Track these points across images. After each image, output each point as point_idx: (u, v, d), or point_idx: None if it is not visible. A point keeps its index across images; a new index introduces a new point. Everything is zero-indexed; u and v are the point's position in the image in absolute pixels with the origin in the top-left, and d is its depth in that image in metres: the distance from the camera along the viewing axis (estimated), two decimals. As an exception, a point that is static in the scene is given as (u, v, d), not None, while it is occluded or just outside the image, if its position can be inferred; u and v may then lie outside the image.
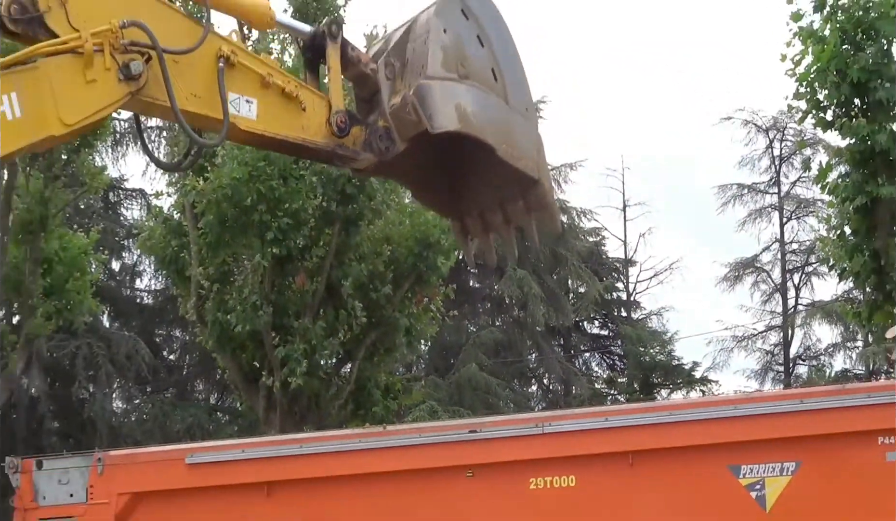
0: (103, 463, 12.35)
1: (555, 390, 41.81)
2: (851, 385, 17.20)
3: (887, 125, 19.03)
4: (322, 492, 11.70)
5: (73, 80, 8.47)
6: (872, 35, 18.99)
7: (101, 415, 41.20)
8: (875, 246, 19.48)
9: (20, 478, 12.61)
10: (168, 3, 9.06)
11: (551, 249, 42.05)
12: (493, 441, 11.51)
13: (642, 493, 10.88)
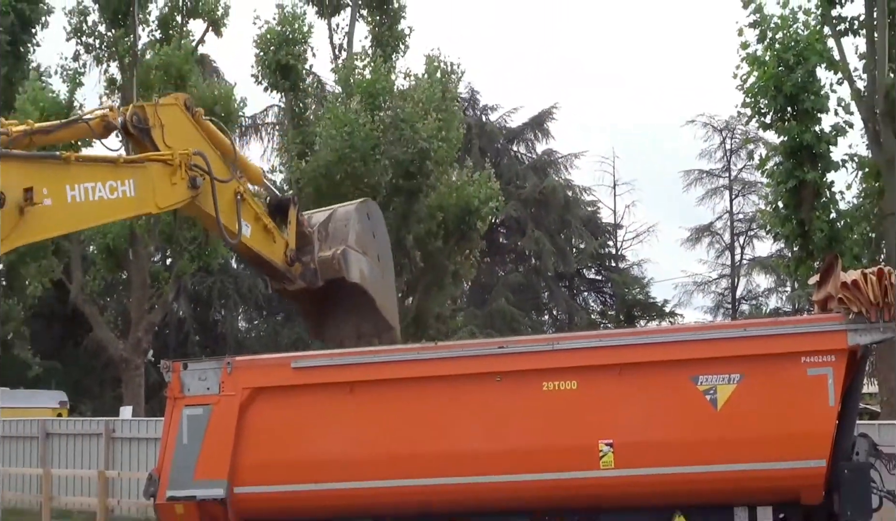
0: (231, 366, 12.44)
1: (561, 319, 41.87)
2: (781, 318, 17.09)
3: (812, 127, 19.05)
4: (390, 391, 11.75)
5: (165, 181, 10.67)
6: (801, 60, 18.98)
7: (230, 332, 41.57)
8: (801, 216, 19.47)
9: (172, 376, 12.76)
10: (212, 148, 11.25)
11: (560, 215, 41.98)
12: (516, 355, 11.55)
13: (627, 395, 10.89)
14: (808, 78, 19.11)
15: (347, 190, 24.66)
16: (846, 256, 17.34)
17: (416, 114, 25.19)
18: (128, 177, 10.60)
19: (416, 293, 26.80)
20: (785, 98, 19.04)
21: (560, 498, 11.11)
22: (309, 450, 11.86)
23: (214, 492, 12.06)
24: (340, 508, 11.86)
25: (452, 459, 11.30)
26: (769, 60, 19.26)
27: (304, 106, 28.12)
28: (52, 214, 9.81)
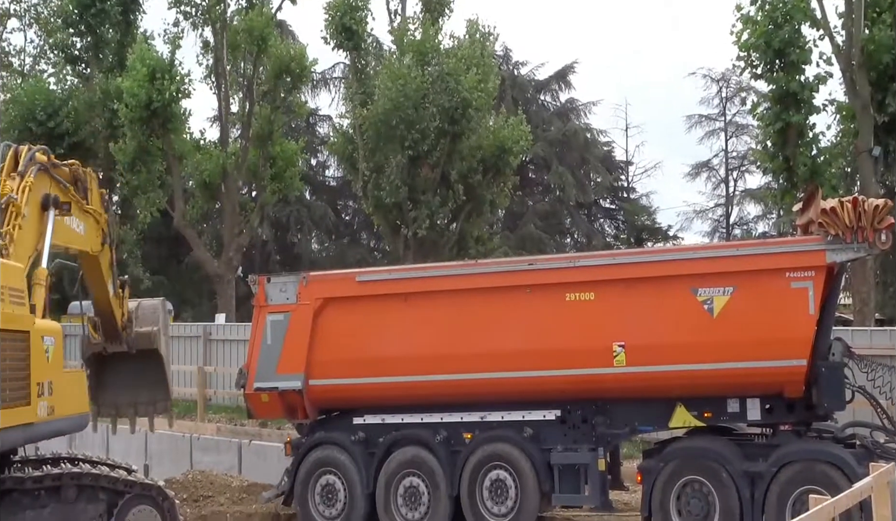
0: (307, 280, 12.53)
1: (581, 242, 41.54)
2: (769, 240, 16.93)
3: (797, 77, 18.80)
4: (438, 300, 11.79)
5: (95, 231, 11.18)
6: (788, 19, 18.71)
7: (304, 252, 41.76)
8: (786, 154, 19.29)
9: (258, 288, 12.84)
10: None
11: (580, 154, 41.61)
12: (544, 271, 11.55)
13: (637, 305, 10.86)
14: (794, 34, 18.96)
15: (402, 133, 24.65)
16: (825, 188, 17.13)
17: (459, 69, 25.05)
18: (83, 220, 10.97)
19: (459, 220, 26.76)
20: (774, 52, 18.89)
21: (580, 391, 11.13)
22: (370, 349, 11.96)
23: (293, 384, 12.22)
24: (395, 398, 11.99)
25: (489, 357, 11.34)
26: (761, 20, 19.08)
27: (365, 63, 27.94)
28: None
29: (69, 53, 31.64)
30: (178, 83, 26.91)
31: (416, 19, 27.58)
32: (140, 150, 27.40)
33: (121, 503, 10.98)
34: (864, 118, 18.81)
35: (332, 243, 44.39)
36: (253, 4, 28.74)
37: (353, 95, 27.07)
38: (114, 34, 30.86)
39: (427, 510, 11.64)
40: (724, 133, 42.24)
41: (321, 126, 44.86)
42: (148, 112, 26.36)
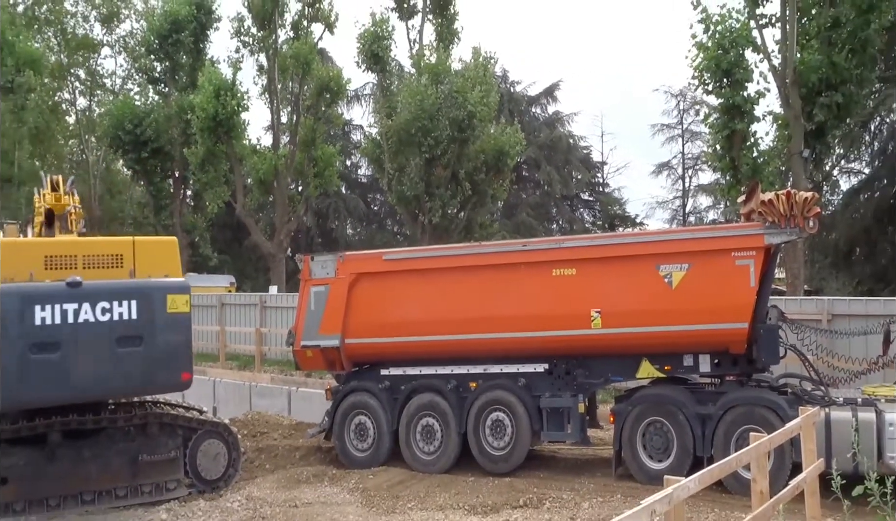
0: (343, 258, 12.49)
1: (564, 227, 41.34)
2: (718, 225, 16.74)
3: (741, 92, 18.55)
4: (450, 275, 11.71)
5: None
6: (734, 45, 18.46)
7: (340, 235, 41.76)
8: (732, 155, 19.07)
9: (303, 265, 12.81)
10: None
11: (564, 155, 41.40)
12: (535, 251, 11.44)
13: (611, 279, 10.73)
14: (739, 57, 18.71)
15: (419, 140, 24.56)
16: (764, 183, 16.91)
17: (466, 87, 24.94)
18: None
19: (466, 210, 26.71)
20: (722, 72, 18.63)
21: (564, 348, 11.08)
22: (394, 314, 11.93)
23: (332, 342, 12.21)
24: (414, 353, 11.96)
25: (490, 321, 11.29)
26: (711, 46, 18.83)
27: (389, 82, 27.79)
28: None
29: (151, 75, 31.63)
30: (239, 99, 26.87)
31: (431, 46, 27.43)
32: (208, 153, 27.41)
33: (194, 438, 11.05)
34: (796, 126, 18.62)
35: (363, 229, 44.40)
36: (299, 35, 28.66)
37: (379, 108, 26.97)
38: (187, 59, 30.80)
39: (440, 444, 11.64)
40: (681, 139, 41.99)
41: (354, 134, 44.79)
42: (214, 123, 26.33)
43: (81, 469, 10.15)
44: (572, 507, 9.15)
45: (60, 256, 9.16)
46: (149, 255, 9.78)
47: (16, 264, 8.73)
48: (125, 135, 28.79)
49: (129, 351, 9.26)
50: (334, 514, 9.08)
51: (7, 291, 8.52)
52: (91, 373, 9.04)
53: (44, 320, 8.64)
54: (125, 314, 9.22)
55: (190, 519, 9.18)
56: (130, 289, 9.36)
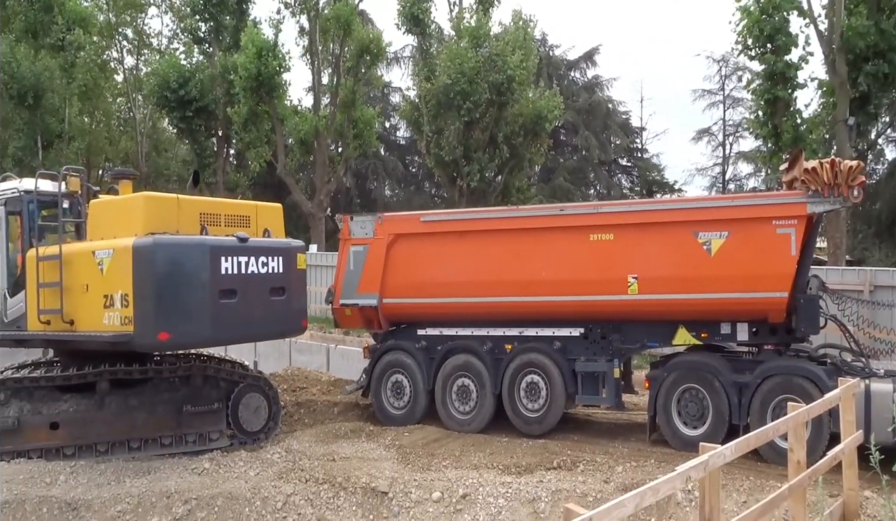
0: (382, 219, 12.45)
1: (602, 193, 40.76)
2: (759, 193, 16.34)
3: (784, 58, 18.02)
4: (487, 237, 11.62)
5: None
6: (778, 8, 17.88)
7: (379, 196, 41.77)
8: (775, 122, 18.62)
9: (343, 225, 12.81)
10: None
11: (603, 120, 40.68)
12: (572, 216, 11.27)
13: (649, 244, 10.54)
14: (783, 22, 18.17)
15: (458, 103, 24.28)
16: (807, 151, 16.48)
17: (505, 50, 24.49)
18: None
19: (503, 174, 26.38)
20: (765, 37, 18.18)
21: (600, 313, 10.96)
22: (431, 275, 11.90)
23: (370, 301, 12.24)
24: (451, 314, 11.94)
25: (527, 284, 11.21)
26: (755, 10, 18.28)
27: (429, 45, 27.39)
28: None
29: (196, 36, 31.62)
30: (280, 60, 26.76)
31: (471, 9, 26.96)
32: (251, 113, 27.43)
33: (236, 390, 11.22)
34: (841, 93, 18.04)
35: (401, 190, 44.34)
36: (340, -4, 28.36)
37: (419, 71, 26.68)
38: (230, 20, 30.72)
39: (475, 404, 11.66)
40: (722, 105, 40.97)
41: (393, 96, 44.51)
42: (257, 83, 26.30)
43: (128, 417, 10.38)
44: (606, 470, 9.11)
45: (211, 213, 9.91)
46: (267, 218, 10.66)
47: (166, 218, 9.35)
48: (171, 94, 28.93)
49: (277, 300, 10.14)
50: (371, 469, 9.17)
51: (201, 243, 9.28)
52: (255, 318, 9.86)
53: (227, 270, 9.43)
54: (275, 268, 10.08)
55: (231, 469, 9.34)
56: (278, 247, 10.30)
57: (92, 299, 9.46)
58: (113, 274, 9.22)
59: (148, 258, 8.95)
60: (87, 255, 9.55)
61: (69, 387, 10.28)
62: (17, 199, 10.64)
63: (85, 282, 9.57)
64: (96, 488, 8.71)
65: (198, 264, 9.20)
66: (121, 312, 9.13)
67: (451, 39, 26.73)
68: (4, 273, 10.76)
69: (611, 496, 8.03)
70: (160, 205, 9.56)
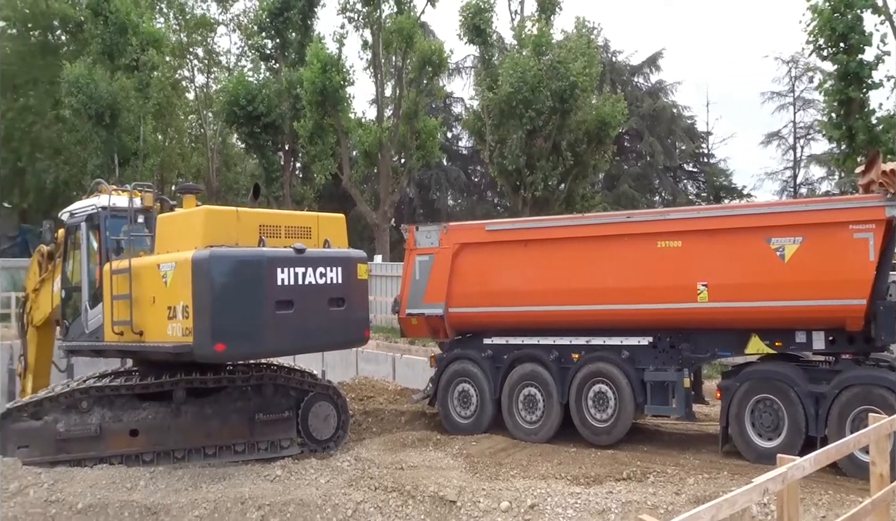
0: (447, 229, 12.56)
1: (667, 199, 40.04)
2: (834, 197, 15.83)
3: (858, 57, 17.38)
4: (552, 246, 11.59)
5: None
6: (851, 6, 17.28)
7: (442, 206, 41.98)
8: (849, 124, 17.94)
9: (408, 235, 12.95)
10: None
11: (668, 125, 40.00)
12: (639, 223, 11.13)
13: (719, 251, 10.34)
14: (856, 21, 17.51)
15: (521, 111, 24.28)
16: (884, 152, 15.86)
17: (568, 58, 24.41)
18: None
19: (567, 181, 26.22)
20: (838, 36, 17.52)
21: (668, 321, 10.80)
22: (497, 284, 11.92)
23: (436, 311, 12.34)
24: (516, 324, 11.93)
25: (593, 293, 11.12)
26: (826, 9, 17.68)
27: (491, 54, 27.51)
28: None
29: (262, 53, 32.50)
30: (344, 74, 27.29)
31: (533, 18, 26.96)
32: (316, 127, 28.02)
33: (306, 399, 11.44)
34: (917, 92, 17.36)
35: (463, 200, 44.51)
36: (402, 10, 28.73)
37: (481, 80, 26.79)
38: (295, 36, 31.46)
39: (542, 414, 11.61)
40: (792, 107, 39.70)
41: (455, 106, 44.79)
42: (322, 97, 26.86)
43: (204, 425, 10.70)
44: (677, 482, 8.95)
45: (270, 225, 9.95)
46: (328, 228, 10.61)
47: (225, 231, 9.48)
48: (239, 110, 29.78)
49: (336, 310, 10.11)
50: (439, 478, 9.22)
51: (257, 255, 9.40)
52: (313, 328, 9.89)
53: (283, 281, 9.48)
54: (334, 279, 10.06)
55: (302, 476, 9.53)
56: (337, 257, 10.24)
57: (158, 310, 9.70)
58: (175, 286, 9.42)
59: (205, 270, 9.07)
60: (153, 268, 9.81)
61: (148, 395, 10.67)
62: (96, 214, 11.13)
63: (152, 294, 9.81)
64: (174, 493, 9.01)
65: (254, 275, 9.28)
66: (182, 323, 9.32)
67: (513, 48, 26.78)
68: (87, 286, 11.25)
69: (682, 508, 7.88)
70: (220, 218, 9.68)
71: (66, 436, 10.18)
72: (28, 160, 33.04)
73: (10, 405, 10.68)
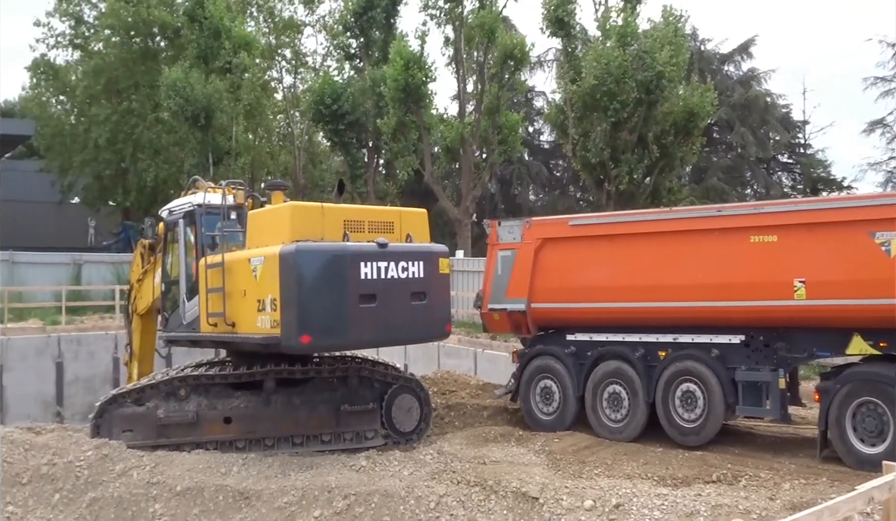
0: (529, 224, 12.45)
1: (760, 192, 38.52)
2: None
3: None
4: (639, 241, 11.32)
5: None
6: None
7: (524, 201, 41.77)
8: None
9: (490, 230, 12.92)
10: None
11: (761, 115, 38.43)
12: (731, 216, 10.72)
13: (817, 246, 9.83)
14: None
15: (605, 104, 23.84)
16: None
17: (654, 47, 23.81)
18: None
19: (653, 175, 25.57)
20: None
21: (762, 319, 10.37)
22: (580, 280, 11.75)
23: (518, 306, 12.26)
24: (601, 320, 11.72)
25: (682, 289, 10.80)
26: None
27: (574, 47, 27.12)
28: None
29: (347, 52, 33.09)
30: (427, 70, 27.46)
31: (618, 8, 26.42)
32: (399, 124, 28.33)
33: (390, 391, 11.58)
34: None
35: (545, 195, 44.16)
36: (484, 4, 28.69)
37: (564, 73, 26.46)
38: (379, 35, 31.89)
39: (627, 412, 11.37)
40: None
41: (537, 100, 44.43)
42: (404, 94, 27.13)
43: (292, 414, 10.99)
44: (771, 487, 8.58)
45: (354, 220, 10.11)
46: (410, 223, 10.66)
47: (311, 226, 9.71)
48: (325, 109, 30.42)
49: (418, 304, 10.15)
50: (521, 474, 9.15)
51: (341, 249, 9.60)
52: (395, 322, 9.98)
53: (366, 275, 9.62)
54: (416, 273, 10.10)
55: (386, 467, 9.63)
56: (419, 252, 10.29)
57: (248, 303, 9.99)
58: (264, 280, 9.67)
59: (291, 264, 9.26)
60: (244, 262, 10.10)
61: (240, 385, 11.05)
62: (193, 212, 11.60)
63: (243, 287, 10.10)
64: (265, 479, 9.28)
65: (338, 269, 9.41)
66: (270, 315, 9.56)
67: (597, 40, 26.32)
68: (184, 279, 11.74)
69: (777, 514, 7.55)
70: (305, 214, 9.85)
71: (165, 422, 10.66)
72: (131, 161, 34.68)
73: (114, 392, 11.25)
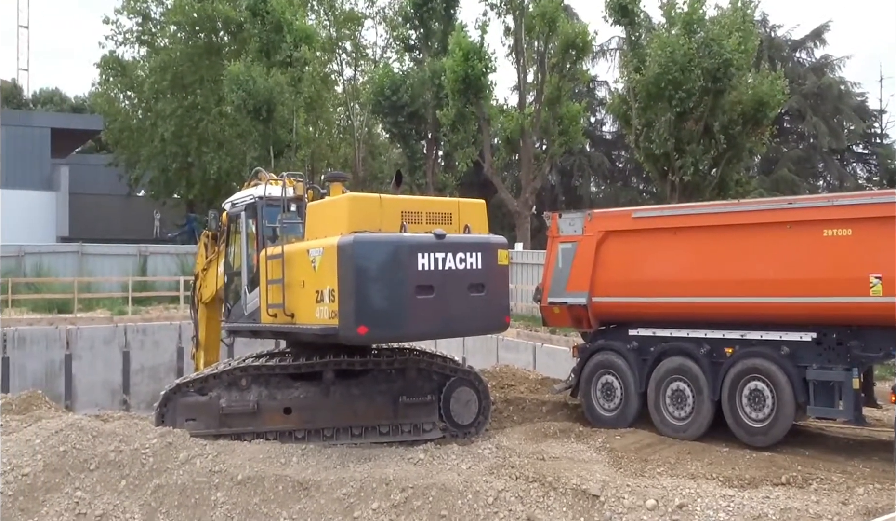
0: (591, 216, 12.25)
1: (833, 184, 37.14)
2: None
3: None
4: (705, 234, 11.03)
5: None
6: None
7: (585, 193, 41.25)
8: None
9: (551, 222, 12.77)
10: None
11: (834, 104, 37.00)
12: (803, 209, 10.33)
13: (895, 241, 9.38)
14: None
15: (670, 93, 23.30)
16: None
17: (721, 34, 23.14)
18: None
19: (720, 166, 24.85)
20: None
21: (835, 316, 9.98)
22: (644, 274, 11.53)
23: (579, 300, 12.09)
24: (665, 315, 11.48)
25: (750, 284, 10.49)
26: None
27: (638, 35, 26.56)
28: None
29: (406, 43, 33.17)
30: (486, 61, 27.32)
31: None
32: (459, 115, 28.26)
33: (448, 383, 11.55)
34: None
35: (607, 187, 43.52)
36: (545, -8, 28.36)
37: (627, 62, 25.96)
38: (438, 26, 31.87)
39: (692, 410, 11.08)
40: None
41: (599, 90, 43.77)
42: (464, 85, 27.05)
43: (351, 405, 11.07)
44: (844, 491, 8.24)
45: (412, 212, 10.09)
46: (469, 214, 10.54)
47: (369, 217, 9.72)
48: (384, 101, 30.58)
49: (476, 296, 10.03)
50: (581, 471, 9.01)
51: (399, 240, 9.59)
52: (453, 313, 9.91)
53: (423, 266, 9.58)
54: (474, 264, 9.98)
55: (444, 461, 9.61)
56: (477, 243, 10.17)
57: (307, 294, 10.04)
58: (322, 271, 9.70)
59: (349, 255, 9.26)
60: (303, 253, 10.15)
61: (300, 375, 11.18)
62: (254, 204, 11.77)
63: (302, 278, 10.15)
64: (324, 470, 9.37)
65: (395, 260, 9.37)
66: (328, 306, 9.59)
67: (662, 27, 25.72)
68: (246, 271, 11.93)
69: (850, 520, 7.26)
70: (364, 205, 9.85)
71: (227, 411, 10.86)
72: (195, 154, 35.53)
73: (179, 381, 11.52)
